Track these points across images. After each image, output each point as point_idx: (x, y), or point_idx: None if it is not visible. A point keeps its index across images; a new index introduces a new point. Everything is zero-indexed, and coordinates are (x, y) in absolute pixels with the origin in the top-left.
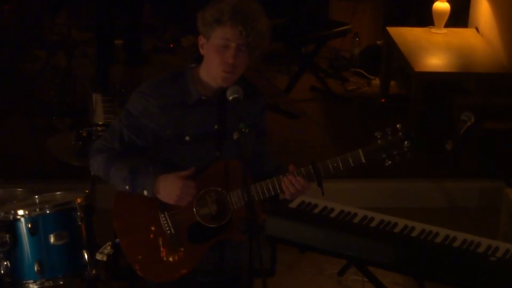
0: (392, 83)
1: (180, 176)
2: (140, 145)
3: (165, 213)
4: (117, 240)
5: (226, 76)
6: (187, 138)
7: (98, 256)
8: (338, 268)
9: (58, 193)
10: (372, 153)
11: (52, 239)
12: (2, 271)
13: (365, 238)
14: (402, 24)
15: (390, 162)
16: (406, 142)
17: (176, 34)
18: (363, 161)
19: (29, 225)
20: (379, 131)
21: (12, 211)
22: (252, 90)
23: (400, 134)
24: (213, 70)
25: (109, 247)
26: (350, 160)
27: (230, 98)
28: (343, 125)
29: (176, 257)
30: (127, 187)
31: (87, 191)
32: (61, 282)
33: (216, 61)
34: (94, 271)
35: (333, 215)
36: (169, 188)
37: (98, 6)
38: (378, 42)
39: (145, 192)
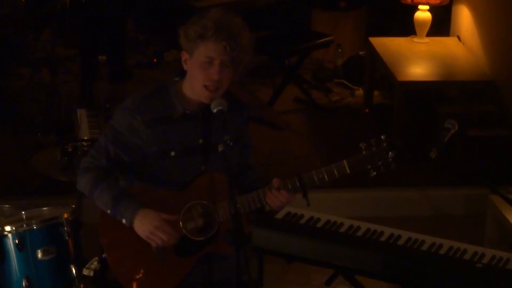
0: (376, 93)
1: (161, 217)
2: (127, 161)
3: None
4: (103, 255)
5: (211, 94)
6: (172, 153)
7: (85, 272)
8: (325, 278)
9: (44, 208)
10: (357, 164)
11: (39, 255)
12: None
13: (351, 247)
14: (384, 34)
15: (375, 173)
16: (390, 153)
17: (159, 49)
18: (348, 172)
19: (16, 241)
20: (363, 142)
21: None
22: (236, 103)
23: (385, 145)
24: (197, 87)
25: (96, 263)
26: (335, 171)
27: (215, 110)
28: (328, 136)
29: (162, 271)
30: (108, 211)
31: (73, 206)
32: None
33: (200, 77)
34: (82, 286)
35: (319, 225)
36: (146, 223)
37: (82, 22)
38: (360, 53)
39: (124, 221)
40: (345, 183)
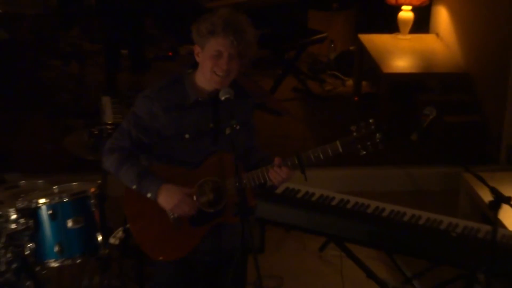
0: (364, 83)
1: (182, 191)
2: (147, 142)
3: None
4: (127, 225)
5: (221, 80)
6: (187, 136)
7: (112, 240)
8: (319, 244)
9: (74, 183)
10: (348, 144)
11: (70, 224)
12: (28, 252)
13: (342, 218)
14: (372, 31)
15: (364, 152)
16: (378, 134)
17: (174, 44)
18: (341, 151)
19: (50, 212)
20: (354, 125)
21: (35, 200)
22: (242, 91)
23: (373, 127)
24: (208, 75)
25: (120, 232)
26: (329, 151)
27: (223, 98)
28: (322, 121)
29: (178, 239)
30: (134, 187)
31: (99, 182)
32: (79, 261)
33: (211, 68)
34: (107, 251)
35: (314, 198)
36: (170, 197)
37: (107, 20)
38: (351, 48)
39: (149, 195)
40: (336, 162)
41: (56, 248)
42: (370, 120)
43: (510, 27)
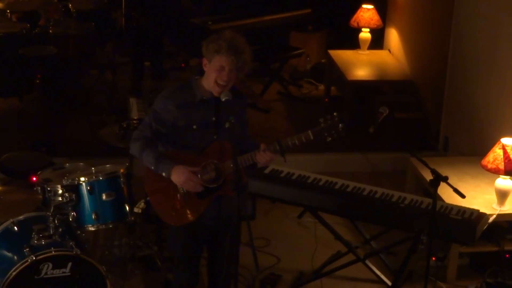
0: (333, 88)
1: (189, 170)
2: (163, 132)
3: None
4: (148, 198)
5: (220, 90)
6: (194, 126)
7: (136, 210)
8: (297, 213)
9: (107, 165)
10: (318, 133)
11: (104, 197)
12: (71, 219)
13: (315, 192)
14: (339, 47)
15: (330, 138)
16: (340, 125)
17: (186, 57)
18: (312, 138)
19: (88, 188)
20: (322, 118)
21: (77, 178)
22: (238, 93)
23: (336, 119)
24: (211, 84)
25: (143, 203)
26: (303, 138)
27: (223, 99)
28: (299, 117)
29: (187, 208)
30: (152, 168)
31: (127, 164)
32: (110, 226)
33: (214, 78)
34: (132, 218)
35: (293, 177)
36: (179, 175)
37: (133, 38)
38: (322, 60)
39: (164, 174)
40: (312, 149)
41: (93, 216)
42: (334, 113)
43: (446, 45)
